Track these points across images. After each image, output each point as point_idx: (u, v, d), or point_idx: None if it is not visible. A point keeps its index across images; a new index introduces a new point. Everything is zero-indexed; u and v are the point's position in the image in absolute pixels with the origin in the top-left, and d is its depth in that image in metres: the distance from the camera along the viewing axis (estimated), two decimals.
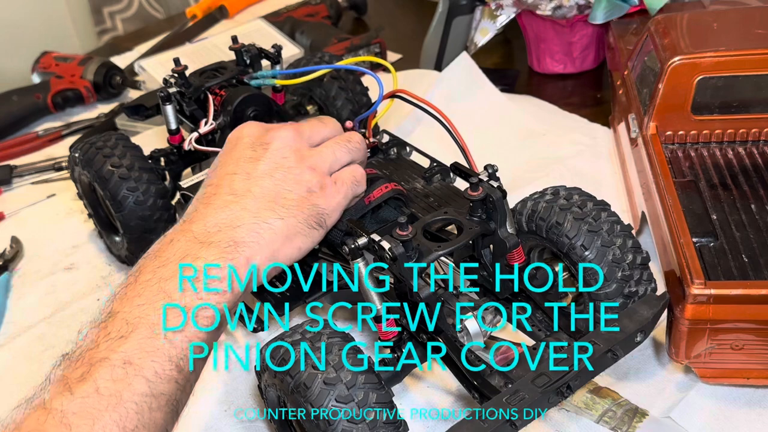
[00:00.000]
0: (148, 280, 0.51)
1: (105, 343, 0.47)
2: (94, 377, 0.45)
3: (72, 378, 0.46)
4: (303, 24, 1.19)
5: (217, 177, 0.58)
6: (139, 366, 0.46)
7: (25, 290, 0.81)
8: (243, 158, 0.58)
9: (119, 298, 0.50)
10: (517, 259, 0.59)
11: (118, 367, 0.46)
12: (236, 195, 0.56)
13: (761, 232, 0.63)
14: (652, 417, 0.59)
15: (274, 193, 0.56)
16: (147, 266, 0.52)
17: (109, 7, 1.69)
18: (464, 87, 0.99)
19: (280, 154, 0.58)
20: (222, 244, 0.53)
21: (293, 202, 0.56)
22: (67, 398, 0.44)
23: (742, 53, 0.71)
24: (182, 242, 0.53)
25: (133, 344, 0.47)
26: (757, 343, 0.57)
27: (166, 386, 0.47)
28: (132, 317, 0.48)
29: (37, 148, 1.05)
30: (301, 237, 0.56)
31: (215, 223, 0.54)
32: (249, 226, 0.54)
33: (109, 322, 0.49)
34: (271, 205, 0.55)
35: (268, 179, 0.57)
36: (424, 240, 0.56)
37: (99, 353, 0.47)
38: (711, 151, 0.74)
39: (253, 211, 0.55)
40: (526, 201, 0.62)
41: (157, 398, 0.46)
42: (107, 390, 0.45)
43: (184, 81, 0.76)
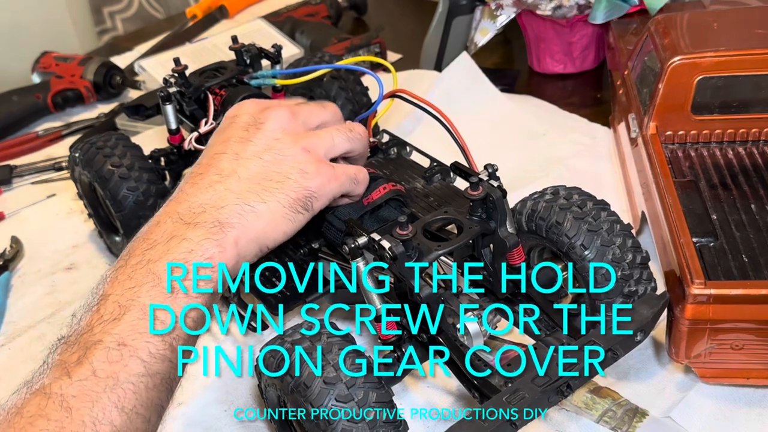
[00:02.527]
0: (138, 262, 0.51)
1: (99, 326, 0.48)
2: (90, 360, 0.46)
3: (69, 362, 0.46)
4: (303, 24, 1.19)
5: (207, 157, 0.58)
6: (133, 347, 0.47)
7: (25, 290, 0.81)
8: (234, 138, 0.58)
9: (110, 281, 0.51)
10: (517, 258, 0.59)
11: (113, 350, 0.46)
12: (221, 175, 0.56)
13: (761, 232, 0.63)
14: (652, 417, 0.59)
15: (260, 175, 0.56)
16: (136, 249, 0.52)
17: (109, 7, 1.69)
18: (464, 87, 0.99)
19: (273, 135, 0.58)
20: (207, 224, 0.53)
21: (279, 185, 0.55)
22: (65, 382, 0.45)
23: (742, 53, 0.71)
24: (168, 224, 0.53)
25: (127, 326, 0.48)
26: (757, 343, 0.57)
27: (160, 365, 0.48)
28: (124, 300, 0.49)
29: (37, 148, 1.05)
30: (285, 221, 0.55)
31: (199, 204, 0.54)
32: (232, 207, 0.54)
33: (101, 305, 0.49)
34: (255, 187, 0.55)
35: (255, 160, 0.56)
36: (424, 239, 0.56)
37: (94, 336, 0.47)
38: (711, 151, 0.74)
39: (236, 192, 0.55)
40: (525, 201, 0.62)
41: (153, 377, 0.47)
42: (104, 372, 0.46)
43: (184, 81, 0.76)
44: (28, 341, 0.74)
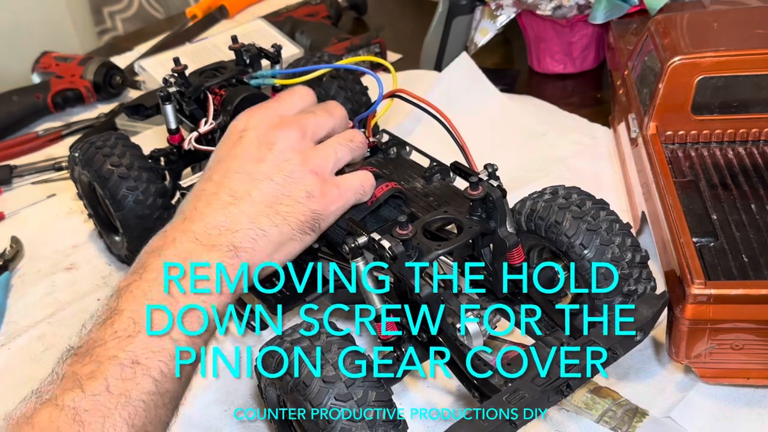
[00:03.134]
0: (153, 278, 0.51)
1: (113, 341, 0.48)
2: (104, 375, 0.46)
3: (82, 374, 0.47)
4: (303, 24, 1.19)
5: (219, 173, 0.58)
6: (146, 365, 0.48)
7: (25, 290, 0.81)
8: (246, 156, 0.58)
9: (125, 295, 0.51)
10: (517, 258, 0.59)
11: (127, 367, 0.47)
12: (235, 197, 0.56)
13: (761, 232, 0.63)
14: (652, 417, 0.59)
15: (272, 198, 0.57)
16: (151, 264, 0.53)
17: (109, 7, 1.69)
18: (464, 87, 0.99)
19: (283, 156, 0.58)
20: (223, 248, 0.54)
21: (290, 208, 0.57)
22: (78, 395, 0.45)
23: (742, 53, 0.71)
24: (185, 242, 0.54)
25: (141, 344, 0.48)
26: (757, 343, 0.57)
27: (170, 384, 0.49)
28: (138, 316, 0.49)
29: (37, 148, 1.05)
30: (293, 243, 0.57)
31: (215, 225, 0.55)
32: (246, 232, 0.55)
33: (115, 319, 0.50)
34: (267, 211, 0.56)
35: (267, 182, 0.57)
36: (424, 239, 0.56)
37: (108, 351, 0.48)
38: (711, 151, 0.73)
39: (250, 216, 0.56)
40: (525, 200, 0.62)
41: (162, 396, 0.48)
42: (117, 389, 0.46)
43: (184, 81, 0.76)
44: (28, 341, 0.74)
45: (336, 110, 0.64)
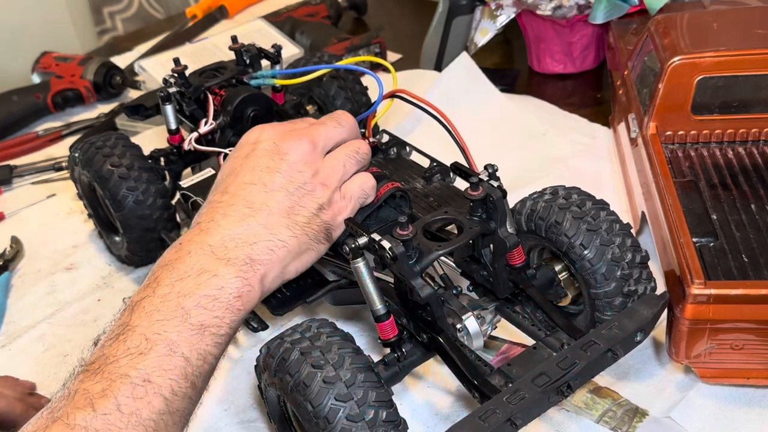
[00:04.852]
0: (166, 294, 0.51)
1: (125, 359, 0.48)
2: (115, 394, 0.46)
3: (93, 392, 0.46)
4: (303, 24, 1.19)
5: (235, 185, 0.58)
6: (158, 384, 0.47)
7: (25, 290, 0.81)
8: (260, 167, 0.58)
9: (138, 311, 0.51)
10: (517, 258, 0.59)
11: (139, 386, 0.47)
12: (252, 209, 0.56)
13: (761, 232, 0.63)
14: (652, 417, 0.59)
15: (288, 209, 0.57)
16: (164, 278, 0.52)
17: (109, 7, 1.69)
18: (464, 87, 0.99)
19: (296, 168, 0.58)
20: (239, 261, 0.53)
21: (306, 219, 0.57)
22: (89, 414, 0.45)
23: (742, 53, 0.71)
24: (200, 256, 0.53)
25: (152, 362, 0.48)
26: (757, 343, 0.57)
27: (181, 403, 0.49)
28: (151, 333, 0.49)
29: (37, 148, 1.05)
30: (309, 253, 0.58)
31: (232, 238, 0.54)
32: (264, 243, 0.55)
33: (128, 335, 0.49)
34: (285, 221, 0.56)
35: (283, 193, 0.57)
36: (424, 240, 0.56)
37: (119, 369, 0.47)
38: (711, 151, 0.73)
39: (269, 227, 0.56)
40: (525, 201, 0.62)
41: (173, 415, 0.48)
42: (128, 408, 0.46)
43: (184, 81, 0.76)
44: (28, 341, 0.74)
45: (344, 120, 0.63)
